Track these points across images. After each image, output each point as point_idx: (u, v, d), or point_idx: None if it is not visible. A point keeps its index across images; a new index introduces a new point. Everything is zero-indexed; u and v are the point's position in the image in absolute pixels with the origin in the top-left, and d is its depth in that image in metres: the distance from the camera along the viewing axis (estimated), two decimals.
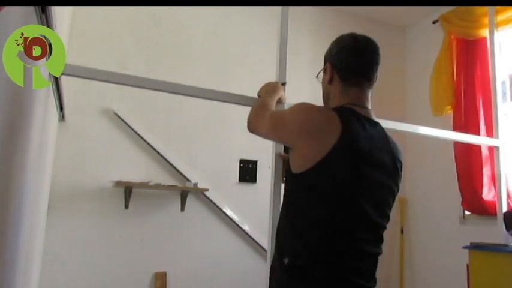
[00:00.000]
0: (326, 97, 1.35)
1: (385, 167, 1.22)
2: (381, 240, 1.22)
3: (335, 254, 1.12)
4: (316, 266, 1.11)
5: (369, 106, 1.29)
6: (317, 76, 1.40)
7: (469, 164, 3.20)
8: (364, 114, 1.24)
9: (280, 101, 1.64)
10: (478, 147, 3.11)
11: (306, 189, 1.17)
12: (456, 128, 3.30)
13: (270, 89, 1.61)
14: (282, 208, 1.28)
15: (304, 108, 1.22)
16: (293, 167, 1.20)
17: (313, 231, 1.13)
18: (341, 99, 1.27)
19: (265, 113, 1.39)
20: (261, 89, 1.63)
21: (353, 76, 1.27)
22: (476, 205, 3.15)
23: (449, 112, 3.40)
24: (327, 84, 1.32)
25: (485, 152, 3.13)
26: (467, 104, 3.29)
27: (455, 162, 3.31)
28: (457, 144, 3.31)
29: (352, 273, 1.13)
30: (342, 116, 1.17)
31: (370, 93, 1.30)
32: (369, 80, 1.28)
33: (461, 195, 3.26)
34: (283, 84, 1.73)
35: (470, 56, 3.34)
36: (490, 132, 2.99)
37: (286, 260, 1.15)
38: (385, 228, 1.23)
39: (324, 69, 1.34)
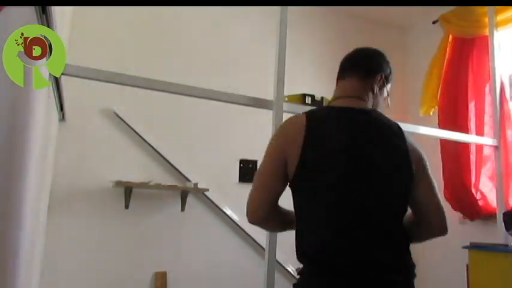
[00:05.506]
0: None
1: (372, 160, 1.21)
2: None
3: None
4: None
5: (364, 98, 1.34)
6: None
7: (457, 166, 3.12)
8: (351, 105, 1.29)
9: None
10: (467, 149, 3.06)
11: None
12: (441, 127, 3.21)
13: None
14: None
15: (273, 138, 1.30)
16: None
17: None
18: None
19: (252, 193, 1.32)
20: None
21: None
22: (468, 210, 3.10)
23: (435, 112, 3.39)
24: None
25: (473, 154, 3.05)
26: (457, 104, 3.23)
27: (442, 164, 3.21)
28: (444, 145, 3.23)
29: None
30: (310, 116, 1.22)
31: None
32: None
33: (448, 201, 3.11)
34: None
35: (464, 55, 3.30)
36: (481, 132, 2.98)
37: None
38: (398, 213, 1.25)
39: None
